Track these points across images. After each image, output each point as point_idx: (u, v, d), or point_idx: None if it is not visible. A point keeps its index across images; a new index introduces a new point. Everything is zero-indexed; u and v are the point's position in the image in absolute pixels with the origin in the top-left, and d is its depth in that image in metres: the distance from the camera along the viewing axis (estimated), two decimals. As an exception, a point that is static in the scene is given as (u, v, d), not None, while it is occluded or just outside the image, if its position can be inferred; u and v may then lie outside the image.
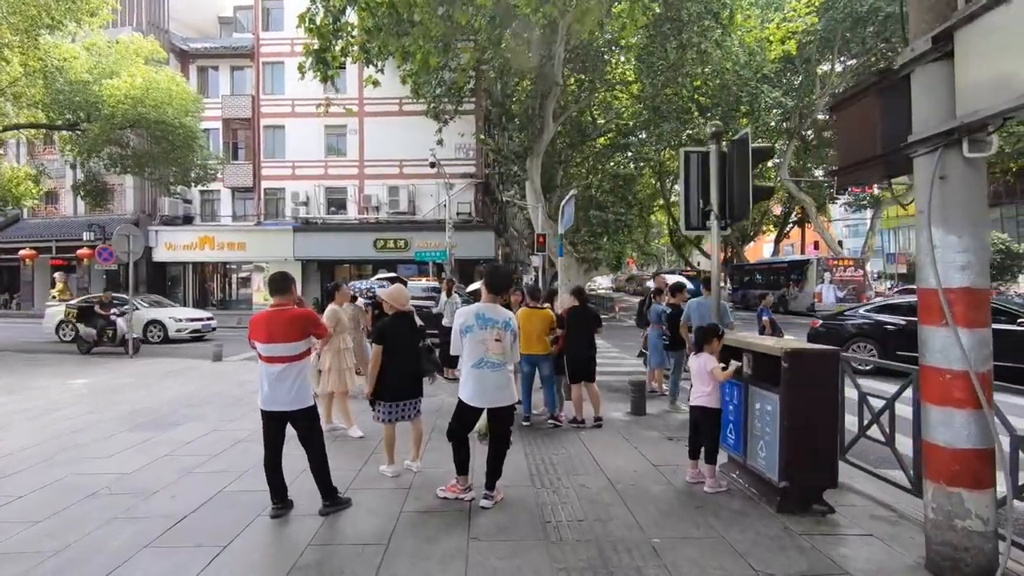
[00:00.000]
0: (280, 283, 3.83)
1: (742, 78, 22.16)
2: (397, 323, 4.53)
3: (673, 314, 7.31)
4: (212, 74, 27.40)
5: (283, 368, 3.71)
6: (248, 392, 8.24)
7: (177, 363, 11.21)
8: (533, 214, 24.99)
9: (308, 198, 26.22)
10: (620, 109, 31.40)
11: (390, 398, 4.49)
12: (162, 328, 15.43)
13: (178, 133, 14.24)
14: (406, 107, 26.24)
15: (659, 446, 5.58)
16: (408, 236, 25.32)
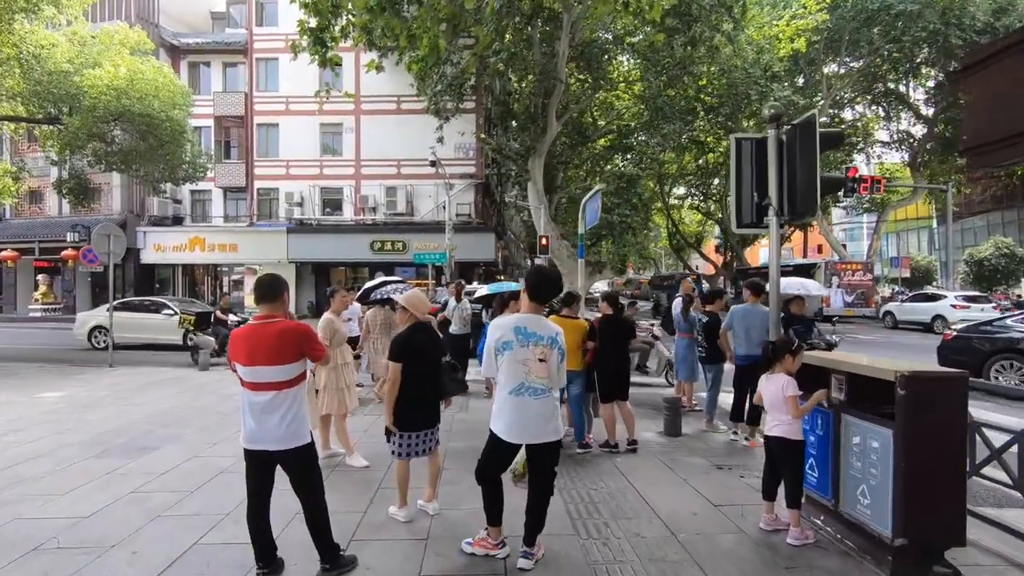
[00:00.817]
0: (267, 289, 3.04)
1: (751, 76, 21.53)
2: (418, 336, 3.77)
3: (710, 323, 6.57)
4: (204, 70, 26.55)
5: (271, 397, 2.92)
6: (234, 408, 7.42)
7: (160, 373, 10.37)
8: (535, 215, 24.26)
9: (303, 198, 25.39)
10: (621, 110, 30.82)
11: (410, 427, 3.72)
12: None
13: (165, 127, 13.39)
14: (404, 105, 25.53)
15: (711, 478, 4.81)
16: (406, 238, 24.53)
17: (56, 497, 4.25)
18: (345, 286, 25.98)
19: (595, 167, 32.99)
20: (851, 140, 34.90)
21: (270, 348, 2.89)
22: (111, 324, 11.96)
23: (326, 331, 5.03)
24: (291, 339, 2.94)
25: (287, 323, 2.99)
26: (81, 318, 15.09)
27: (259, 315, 3.00)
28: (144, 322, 14.47)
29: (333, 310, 5.28)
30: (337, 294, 5.33)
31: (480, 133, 25.19)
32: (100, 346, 14.21)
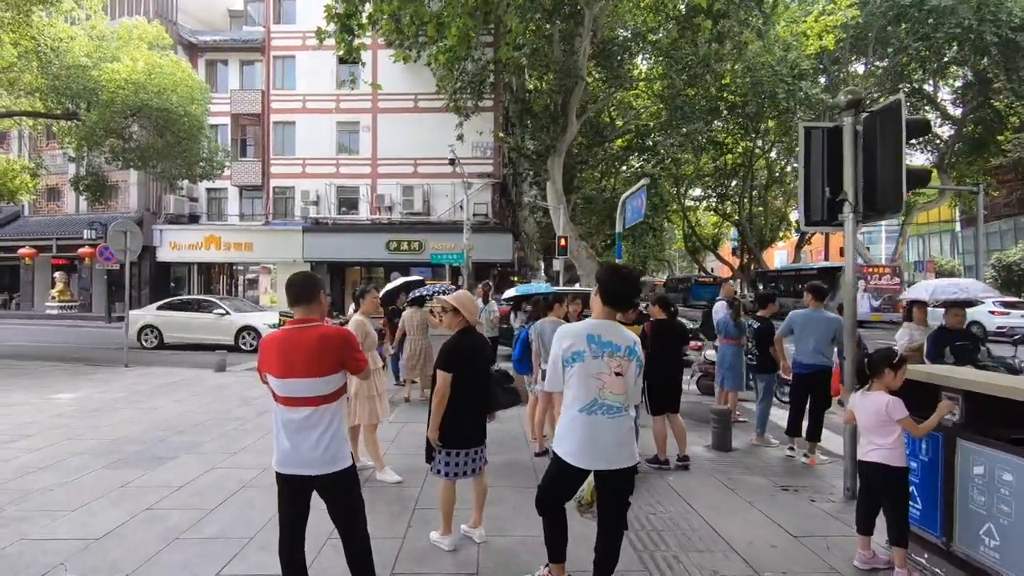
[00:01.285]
0: (301, 289, 2.63)
1: (777, 74, 20.95)
2: (467, 341, 3.37)
3: (761, 329, 6.10)
4: (221, 68, 26.41)
5: (308, 414, 2.52)
6: (255, 412, 7.08)
7: (176, 373, 10.07)
8: (554, 216, 23.81)
9: (318, 197, 25.15)
10: (639, 109, 30.30)
11: (458, 444, 3.31)
12: (256, 336, 13.73)
13: (183, 123, 13.14)
14: (422, 103, 25.23)
15: (779, 502, 4.35)
16: (422, 238, 24.20)
17: (65, 514, 3.89)
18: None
19: (610, 168, 32.54)
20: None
21: (308, 357, 2.49)
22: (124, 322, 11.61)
23: (358, 334, 4.63)
24: (332, 346, 2.54)
25: (327, 328, 2.59)
26: (131, 317, 14.40)
27: (294, 320, 2.61)
28: (194, 322, 14.15)
29: (364, 311, 4.88)
30: (368, 294, 4.93)
31: (498, 132, 24.82)
32: (149, 346, 13.97)
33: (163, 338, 14.07)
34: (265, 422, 6.60)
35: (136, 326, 14.20)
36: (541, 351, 5.48)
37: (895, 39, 24.35)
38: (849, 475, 4.37)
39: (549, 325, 5.43)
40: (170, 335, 14.02)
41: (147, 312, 14.75)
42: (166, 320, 14.18)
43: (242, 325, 13.96)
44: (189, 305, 14.84)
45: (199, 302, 14.94)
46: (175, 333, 14.02)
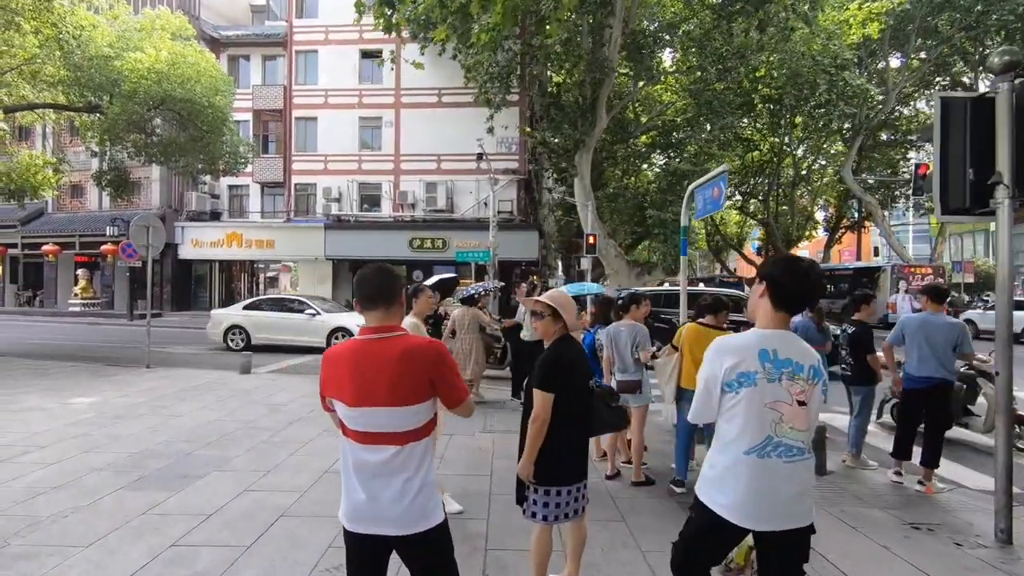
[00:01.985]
0: (379, 286, 1.98)
1: (818, 64, 19.97)
2: (568, 353, 2.72)
3: (857, 334, 5.35)
4: (243, 64, 26.10)
5: (391, 455, 1.88)
6: (284, 421, 6.50)
7: (198, 376, 9.56)
8: (582, 213, 23.08)
9: (340, 194, 24.71)
10: (665, 105, 29.43)
11: (558, 481, 2.66)
12: (349, 335, 12.66)
13: (207, 114, 12.67)
14: (445, 98, 24.70)
15: (920, 546, 3.62)
16: (446, 235, 23.64)
17: (79, 551, 3.30)
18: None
19: (631, 166, 31.58)
20: (908, 138, 32.91)
21: (391, 379, 1.85)
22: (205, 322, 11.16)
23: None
24: (421, 365, 1.89)
25: (414, 339, 1.95)
26: (216, 317, 14.09)
27: (367, 327, 1.97)
28: (283, 322, 13.40)
29: (416, 313, 4.24)
30: (422, 293, 4.28)
31: (524, 127, 24.15)
32: (236, 347, 13.20)
33: (250, 339, 13.34)
34: (296, 433, 6.03)
35: (222, 326, 13.55)
36: (614, 358, 4.81)
37: (939, 30, 23.19)
38: (1004, 515, 3.63)
39: (625, 329, 4.77)
40: (258, 336, 13.28)
41: (233, 312, 14.02)
42: (254, 320, 13.46)
43: (335, 326, 13.00)
44: (277, 304, 14.07)
45: (287, 301, 14.18)
46: (263, 334, 13.28)
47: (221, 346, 13.53)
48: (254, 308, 13.96)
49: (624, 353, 4.75)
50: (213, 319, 14.06)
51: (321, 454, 5.28)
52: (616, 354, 4.78)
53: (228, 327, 13.57)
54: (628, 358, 4.75)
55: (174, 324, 20.39)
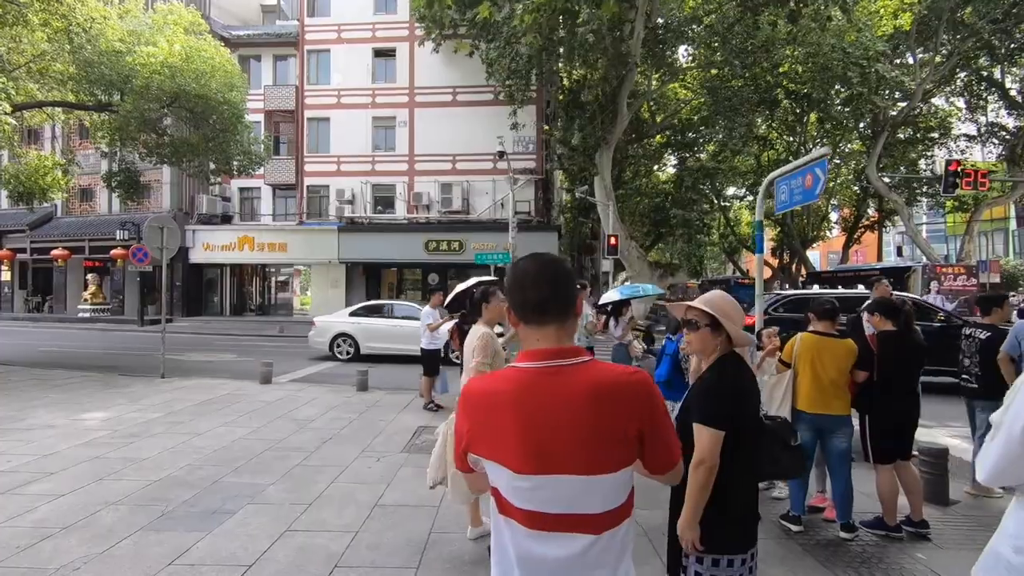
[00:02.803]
0: (552, 284, 1.29)
1: (849, 56, 19.22)
2: (737, 376, 2.07)
3: (992, 340, 4.62)
4: (254, 64, 25.60)
5: (585, 547, 1.20)
6: (316, 439, 5.86)
7: (216, 387, 8.96)
8: (603, 213, 22.44)
9: (354, 196, 24.16)
10: (680, 103, 28.75)
11: (733, 548, 1.98)
12: None
13: (222, 111, 12.11)
14: (460, 97, 24.10)
15: None
16: (462, 237, 23.00)
17: (93, 619, 2.67)
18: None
19: (640, 167, 30.66)
20: (930, 136, 32.06)
21: (582, 431, 1.18)
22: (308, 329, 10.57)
23: (486, 354, 3.36)
24: (626, 407, 1.21)
25: (606, 369, 1.28)
26: (322, 324, 13.03)
27: (534, 350, 1.31)
28: (396, 330, 12.32)
29: (488, 320, 3.59)
30: (493, 297, 3.63)
31: (543, 124, 23.55)
32: (344, 357, 12.33)
33: (359, 348, 12.39)
34: (331, 455, 5.39)
35: (329, 334, 12.61)
36: None
37: (965, 22, 22.34)
38: None
39: None
40: (368, 345, 12.33)
41: (340, 319, 12.95)
42: (363, 328, 12.47)
43: None
44: (387, 311, 13.09)
45: (399, 307, 13.27)
46: (373, 343, 12.36)
47: (325, 355, 12.69)
48: (363, 314, 12.95)
49: None
50: (318, 327, 12.99)
51: (363, 481, 4.64)
52: None
53: (335, 335, 12.56)
54: None
55: (186, 330, 19.86)
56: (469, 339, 3.51)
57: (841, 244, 37.93)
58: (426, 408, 7.44)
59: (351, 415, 7.04)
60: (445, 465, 3.28)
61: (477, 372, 3.31)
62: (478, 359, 3.32)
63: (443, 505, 4.02)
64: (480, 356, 3.32)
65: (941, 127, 31.90)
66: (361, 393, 8.57)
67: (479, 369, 3.31)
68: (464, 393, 1.33)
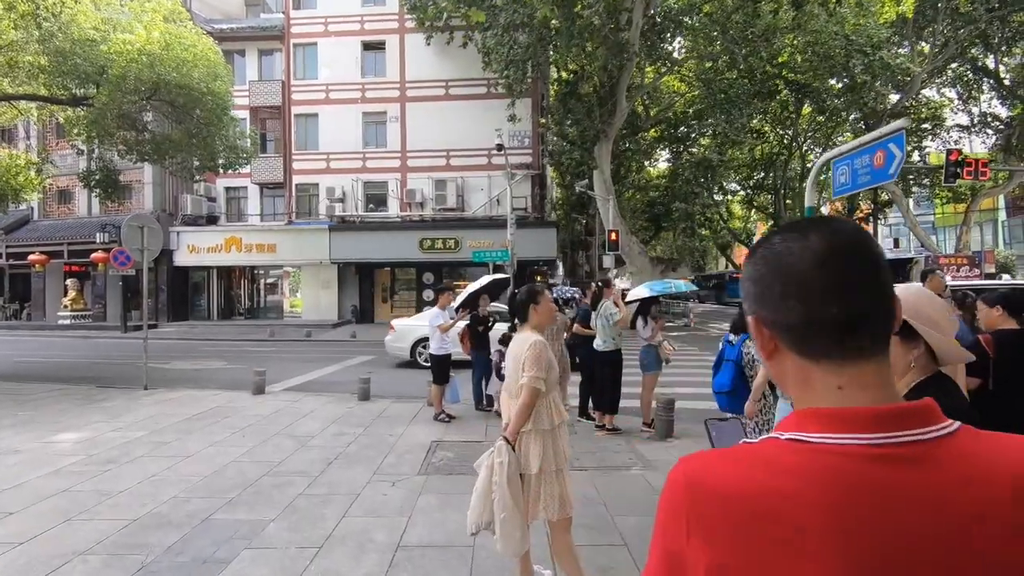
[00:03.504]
0: (869, 279, 0.66)
1: (852, 43, 18.78)
2: (952, 405, 1.44)
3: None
4: (238, 59, 24.69)
5: None
6: (321, 462, 5.20)
7: (205, 399, 8.25)
8: (602, 208, 21.87)
9: (344, 194, 23.40)
10: (674, 96, 28.28)
11: None
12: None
13: (205, 102, 11.35)
14: (453, 91, 23.42)
15: None
16: (458, 235, 22.33)
17: None
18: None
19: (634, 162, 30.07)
20: (922, 127, 31.89)
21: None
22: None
23: (540, 367, 2.74)
24: None
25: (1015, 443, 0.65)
26: (402, 328, 11.80)
27: (839, 410, 0.64)
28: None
29: (536, 325, 2.96)
30: (543, 298, 3.00)
31: (538, 119, 22.93)
32: (427, 364, 11.29)
33: None
34: (339, 479, 4.74)
35: (411, 339, 11.50)
36: None
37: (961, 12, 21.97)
38: None
39: None
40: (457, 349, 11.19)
41: (423, 322, 11.20)
42: (453, 332, 11.11)
43: None
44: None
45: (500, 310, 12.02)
46: None
47: (407, 360, 11.76)
48: None
49: None
50: (398, 331, 11.85)
51: (379, 514, 4.00)
52: None
53: (418, 340, 11.38)
54: None
55: (171, 336, 19.03)
56: (516, 348, 2.89)
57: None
58: (437, 419, 6.81)
59: (356, 429, 6.39)
60: (491, 507, 2.66)
61: (530, 390, 2.70)
62: (532, 373, 2.70)
63: (477, 545, 3.40)
64: (534, 370, 2.71)
65: (934, 118, 31.74)
66: (364, 403, 7.91)
67: (533, 386, 2.69)
68: (697, 486, 0.67)
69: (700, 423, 6.36)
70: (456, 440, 5.96)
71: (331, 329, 21.14)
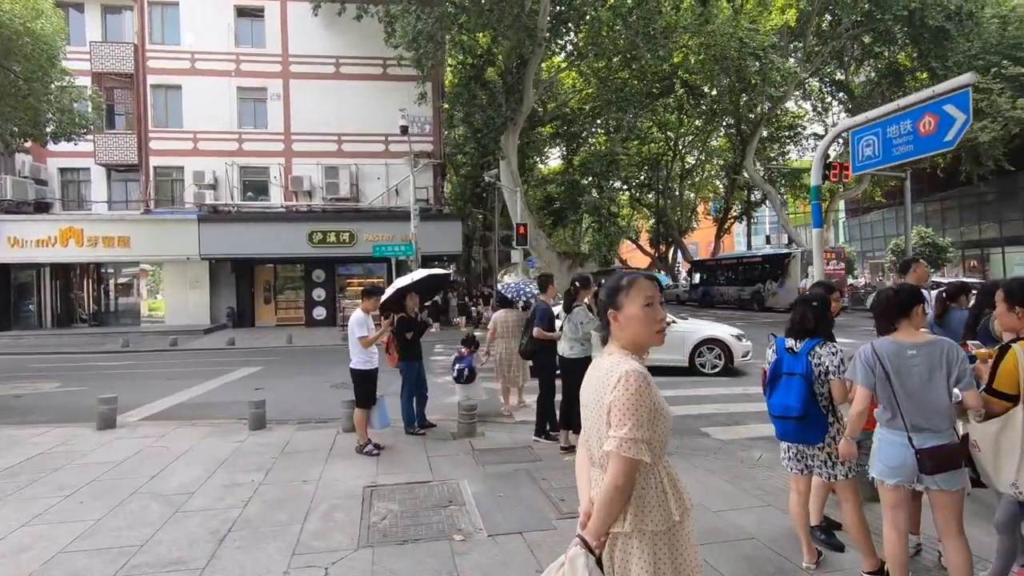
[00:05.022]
0: None
1: (746, 46, 19.56)
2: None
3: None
4: (75, 16, 20.50)
5: None
6: (207, 535, 3.59)
7: (26, 440, 6.00)
8: (510, 200, 20.98)
9: (217, 179, 20.39)
10: (569, 93, 28.30)
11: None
12: (722, 352, 9.64)
13: (24, 47, 8.65)
14: (345, 69, 21.29)
15: None
16: (354, 227, 20.28)
17: None
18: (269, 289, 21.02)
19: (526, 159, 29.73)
20: (785, 133, 34.95)
21: None
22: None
23: (638, 416, 1.56)
24: None
25: None
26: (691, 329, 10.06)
27: None
28: None
29: (627, 343, 1.78)
30: (632, 298, 1.83)
31: (440, 104, 21.50)
32: (711, 371, 9.69)
33: None
34: (242, 569, 3.22)
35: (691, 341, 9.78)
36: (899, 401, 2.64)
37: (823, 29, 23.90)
38: None
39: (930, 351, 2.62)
40: None
41: None
42: None
43: (702, 338, 9.67)
44: None
45: None
46: None
47: None
48: None
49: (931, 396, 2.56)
50: None
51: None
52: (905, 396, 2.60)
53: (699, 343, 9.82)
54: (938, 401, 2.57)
55: (-15, 350, 15.16)
56: (596, 382, 1.70)
57: (712, 235, 40.41)
58: (363, 452, 5.36)
59: (254, 475, 4.77)
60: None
61: (625, 464, 1.54)
62: (626, 432, 1.53)
63: None
64: (628, 426, 1.54)
65: (791, 127, 34.82)
66: (259, 433, 6.18)
67: (630, 456, 1.53)
68: None
69: (683, 436, 5.47)
70: (397, 483, 4.58)
71: (202, 336, 18.22)
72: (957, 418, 2.59)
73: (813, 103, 31.33)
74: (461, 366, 6.78)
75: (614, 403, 1.58)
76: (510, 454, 5.33)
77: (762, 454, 5.21)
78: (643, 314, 1.65)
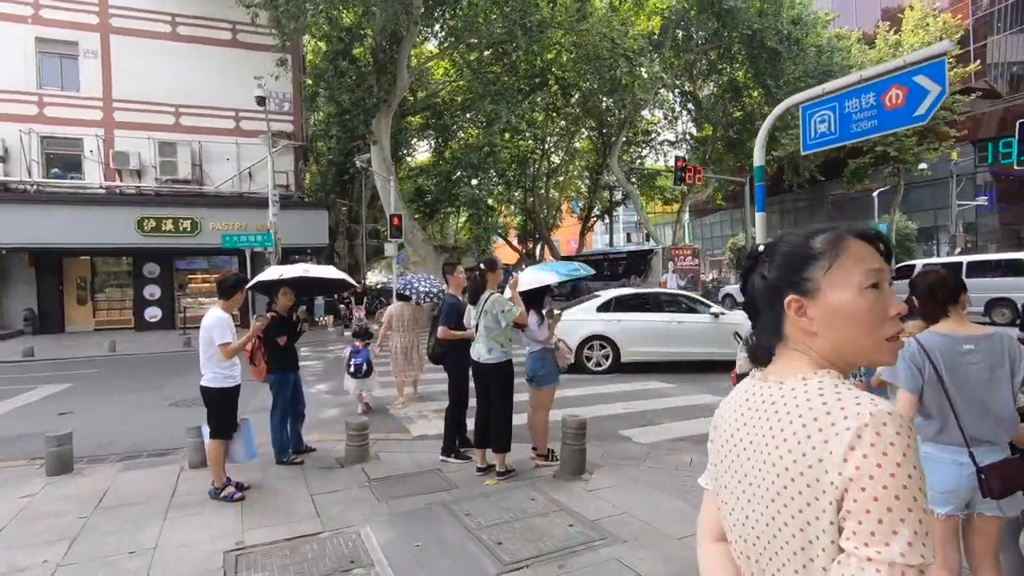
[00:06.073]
0: None
1: (617, 47, 20.08)
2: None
3: None
4: None
5: None
6: None
7: None
8: (382, 189, 19.50)
9: (7, 150, 16.40)
10: (440, 83, 27.48)
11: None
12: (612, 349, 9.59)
13: None
14: (183, 30, 18.30)
15: None
16: (197, 214, 17.50)
17: None
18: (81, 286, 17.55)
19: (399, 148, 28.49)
20: (642, 138, 37.28)
21: None
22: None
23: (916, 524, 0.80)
24: None
25: None
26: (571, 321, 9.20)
27: None
28: (673, 328, 9.28)
29: (832, 355, 1.03)
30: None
31: (302, 80, 19.33)
32: (598, 369, 9.23)
33: (619, 355, 9.26)
34: None
35: (579, 335, 9.14)
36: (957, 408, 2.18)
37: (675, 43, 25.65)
38: None
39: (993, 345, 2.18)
40: (632, 351, 9.28)
41: (587, 314, 9.57)
42: (624, 328, 9.29)
43: (590, 333, 9.36)
44: (649, 303, 9.88)
45: (665, 298, 10.21)
46: (640, 347, 9.29)
47: None
48: (620, 308, 9.60)
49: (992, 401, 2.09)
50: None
51: None
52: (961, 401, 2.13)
53: (586, 338, 9.30)
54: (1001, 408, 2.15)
55: None
56: (794, 435, 0.90)
57: (576, 232, 41.91)
58: (220, 497, 4.07)
59: (54, 548, 3.31)
60: None
61: None
62: (909, 556, 0.73)
63: None
64: (918, 544, 0.74)
65: (647, 133, 37.23)
66: (62, 480, 4.52)
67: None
68: None
69: (603, 442, 4.93)
70: (273, 540, 3.43)
71: (-12, 345, 14.46)
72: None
73: (665, 112, 33.61)
74: (359, 360, 6.51)
75: (859, 482, 0.77)
76: (417, 482, 4.38)
77: (692, 457, 4.85)
78: (865, 302, 0.88)
